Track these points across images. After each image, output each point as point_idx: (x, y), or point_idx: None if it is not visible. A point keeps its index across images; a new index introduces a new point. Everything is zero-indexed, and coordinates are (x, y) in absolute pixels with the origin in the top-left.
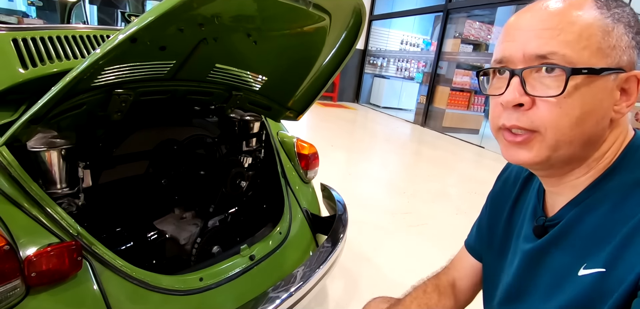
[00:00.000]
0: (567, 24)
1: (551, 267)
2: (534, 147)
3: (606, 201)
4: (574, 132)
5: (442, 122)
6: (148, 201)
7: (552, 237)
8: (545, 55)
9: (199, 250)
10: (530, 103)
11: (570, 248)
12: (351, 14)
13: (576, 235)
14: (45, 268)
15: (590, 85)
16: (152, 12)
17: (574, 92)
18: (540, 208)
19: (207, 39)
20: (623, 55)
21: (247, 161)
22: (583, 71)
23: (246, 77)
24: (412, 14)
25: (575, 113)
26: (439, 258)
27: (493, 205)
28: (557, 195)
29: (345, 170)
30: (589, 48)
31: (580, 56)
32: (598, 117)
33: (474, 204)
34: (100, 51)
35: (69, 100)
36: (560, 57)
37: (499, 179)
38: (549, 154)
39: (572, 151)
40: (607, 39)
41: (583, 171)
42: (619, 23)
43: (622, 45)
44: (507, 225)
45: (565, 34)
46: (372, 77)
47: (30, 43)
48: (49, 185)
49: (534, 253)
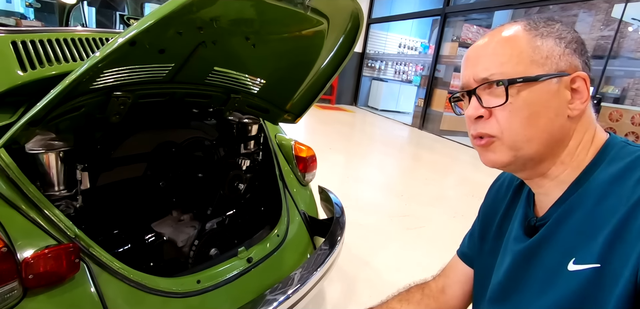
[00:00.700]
0: (500, 49)
1: (542, 264)
2: (496, 149)
3: (590, 197)
4: (528, 130)
5: (439, 125)
6: (146, 203)
7: (541, 235)
8: (487, 77)
9: (196, 252)
10: (488, 114)
11: (559, 244)
12: (349, 18)
13: (563, 231)
14: (42, 270)
15: (531, 89)
16: (151, 16)
17: (518, 97)
18: (531, 210)
19: (205, 42)
20: (560, 62)
21: (245, 164)
22: (518, 80)
23: (244, 80)
24: (410, 17)
25: (523, 115)
26: (437, 261)
27: (485, 212)
28: (544, 196)
29: (343, 173)
30: (522, 62)
31: (516, 70)
32: (550, 114)
33: (472, 207)
34: (100, 54)
35: (67, 103)
36: (499, 74)
37: (492, 188)
38: (513, 153)
39: (535, 148)
40: (538, 52)
41: (559, 169)
42: (547, 38)
43: (555, 54)
44: (498, 230)
45: (500, 56)
46: (370, 80)
47: (30, 45)
48: (47, 187)
49: (525, 252)
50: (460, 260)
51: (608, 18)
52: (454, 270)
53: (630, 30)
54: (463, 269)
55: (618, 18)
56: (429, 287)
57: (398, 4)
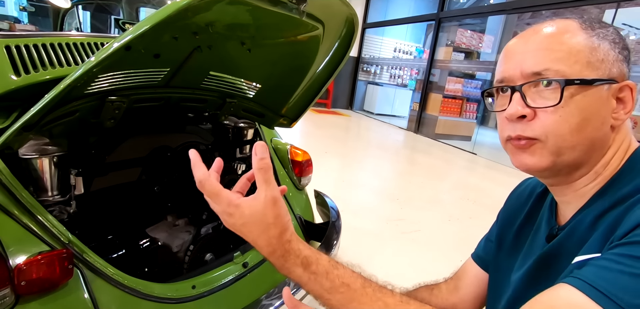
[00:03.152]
0: (557, 44)
1: (559, 268)
2: (536, 152)
3: (611, 206)
4: (575, 137)
5: (434, 129)
6: (140, 208)
7: (558, 241)
8: (540, 72)
9: (191, 258)
10: (532, 114)
11: (570, 250)
12: (344, 23)
13: (575, 237)
14: (35, 276)
15: (585, 94)
16: (147, 21)
17: (571, 101)
18: (554, 219)
19: (201, 47)
20: (612, 68)
21: (240, 168)
22: (576, 82)
23: (240, 85)
24: (404, 22)
25: (574, 120)
26: (432, 264)
27: (504, 217)
28: (567, 204)
29: (339, 177)
30: (579, 62)
31: (572, 69)
32: (597, 123)
33: (467, 211)
34: (95, 59)
35: (62, 107)
36: (554, 71)
37: (513, 194)
38: (553, 159)
39: (576, 156)
40: (595, 54)
41: (591, 178)
42: (604, 40)
43: (610, 59)
44: (516, 236)
45: (557, 53)
46: (365, 84)
47: (23, 50)
48: (41, 193)
49: (543, 257)
50: (474, 263)
51: None
52: (467, 273)
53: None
54: (477, 273)
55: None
56: (439, 288)
57: (393, 9)
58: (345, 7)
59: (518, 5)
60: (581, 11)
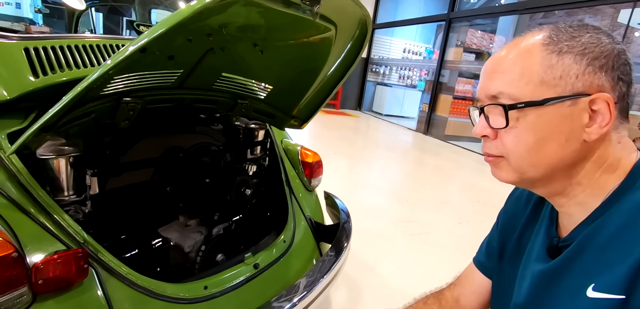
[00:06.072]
0: (510, 66)
1: (563, 288)
2: (503, 168)
3: (616, 222)
4: (533, 156)
5: (444, 130)
6: (153, 208)
7: (565, 258)
8: (495, 95)
9: (203, 258)
10: (493, 134)
11: (581, 268)
12: (357, 25)
13: (586, 255)
14: (52, 275)
15: (539, 113)
16: (163, 24)
17: (524, 121)
18: (554, 229)
19: (214, 49)
20: (576, 83)
21: (251, 169)
22: (518, 105)
23: (252, 86)
24: (414, 22)
25: (529, 139)
26: (442, 268)
27: (504, 222)
28: (568, 215)
29: (348, 178)
30: (532, 83)
31: (523, 91)
32: (560, 140)
33: (477, 213)
34: (111, 61)
35: (79, 109)
36: (506, 95)
37: (511, 196)
38: (519, 175)
39: (541, 172)
40: (550, 72)
41: (577, 190)
42: (566, 54)
43: (572, 74)
44: (518, 242)
45: (509, 75)
46: (374, 85)
47: (41, 52)
48: (57, 192)
49: (547, 274)
50: (476, 269)
51: (614, 23)
52: (469, 280)
53: (637, 36)
54: (480, 280)
55: (624, 23)
56: (444, 297)
57: (402, 10)
58: (358, 8)
59: (530, 5)
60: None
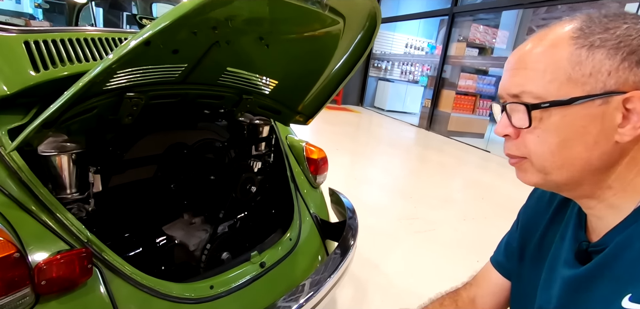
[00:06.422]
0: (534, 63)
1: (597, 296)
2: (526, 170)
3: None
4: (557, 158)
5: (447, 126)
6: (157, 205)
7: (597, 264)
8: (517, 94)
9: (209, 257)
10: (516, 134)
11: (615, 276)
12: (366, 18)
13: (621, 262)
14: (55, 275)
15: (565, 113)
16: (167, 16)
17: (548, 122)
18: (583, 232)
19: (219, 42)
20: (608, 80)
21: (256, 166)
22: (542, 105)
23: (257, 81)
24: (417, 17)
25: (553, 141)
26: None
27: (525, 221)
28: (598, 219)
29: (350, 174)
30: (557, 80)
31: (547, 90)
32: (587, 141)
33: (482, 210)
34: (114, 55)
35: (81, 104)
36: (528, 93)
37: (533, 195)
38: (542, 176)
39: (568, 175)
40: (579, 69)
41: (607, 193)
42: (598, 49)
43: (604, 70)
44: (539, 244)
45: (532, 72)
46: (376, 81)
47: (42, 45)
48: (59, 190)
49: (578, 280)
50: (494, 269)
51: None
52: (486, 280)
53: None
54: (497, 280)
55: None
56: (461, 297)
57: (405, 4)
58: (368, 1)
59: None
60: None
